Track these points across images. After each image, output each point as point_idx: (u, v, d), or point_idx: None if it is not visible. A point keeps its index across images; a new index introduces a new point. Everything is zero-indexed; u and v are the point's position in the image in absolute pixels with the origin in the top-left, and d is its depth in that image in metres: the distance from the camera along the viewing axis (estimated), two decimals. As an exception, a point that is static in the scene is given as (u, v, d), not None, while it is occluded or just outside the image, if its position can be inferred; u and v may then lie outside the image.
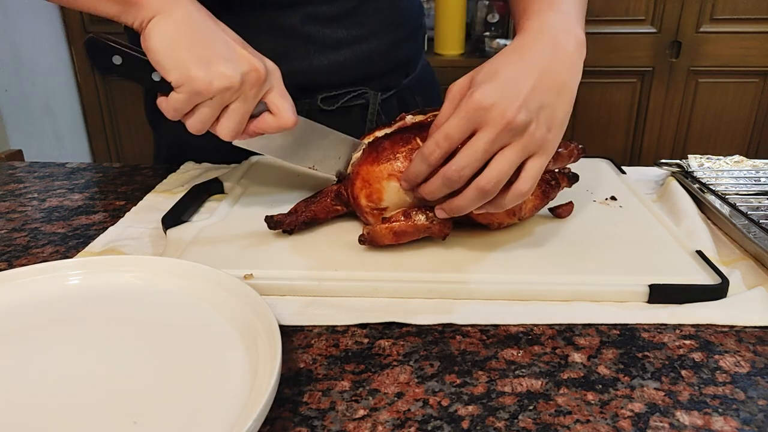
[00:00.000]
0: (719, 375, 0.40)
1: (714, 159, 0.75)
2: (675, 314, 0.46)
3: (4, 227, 0.66)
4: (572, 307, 0.47)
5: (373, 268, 0.52)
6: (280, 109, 0.55)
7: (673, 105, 2.28)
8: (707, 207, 0.64)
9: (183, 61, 0.50)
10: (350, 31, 0.78)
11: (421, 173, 0.51)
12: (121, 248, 0.59)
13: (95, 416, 0.35)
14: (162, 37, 0.51)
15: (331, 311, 0.47)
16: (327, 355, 0.43)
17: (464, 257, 0.54)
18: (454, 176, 0.48)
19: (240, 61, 0.52)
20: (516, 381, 0.40)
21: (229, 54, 0.52)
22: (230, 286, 0.46)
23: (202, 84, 0.50)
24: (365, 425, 0.36)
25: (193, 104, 0.52)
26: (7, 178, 0.82)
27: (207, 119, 0.53)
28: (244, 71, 0.52)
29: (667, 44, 2.19)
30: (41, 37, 2.31)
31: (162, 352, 0.41)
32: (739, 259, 0.55)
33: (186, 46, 0.51)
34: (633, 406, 0.37)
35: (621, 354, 0.42)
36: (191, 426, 0.34)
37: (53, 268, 0.50)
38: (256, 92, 0.53)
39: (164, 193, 0.73)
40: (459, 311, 0.47)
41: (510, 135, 0.46)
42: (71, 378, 0.39)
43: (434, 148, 0.48)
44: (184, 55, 0.51)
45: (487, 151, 0.47)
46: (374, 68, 0.82)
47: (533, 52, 0.50)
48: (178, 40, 0.51)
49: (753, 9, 2.13)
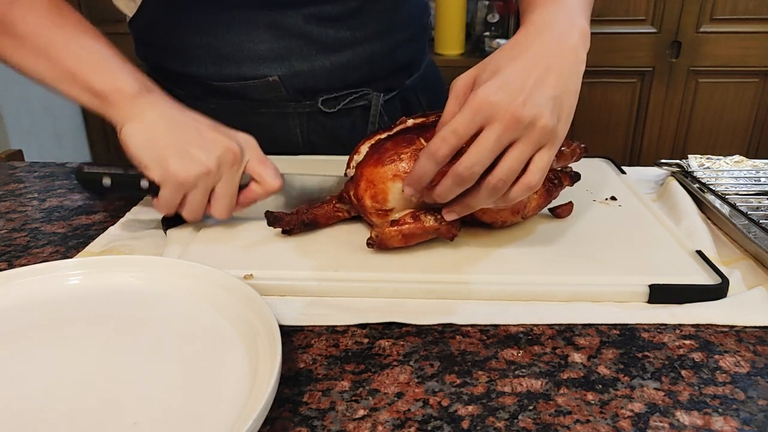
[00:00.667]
0: (719, 375, 0.40)
1: (714, 159, 0.75)
2: (675, 314, 0.46)
3: (4, 227, 0.66)
4: (572, 307, 0.47)
5: (373, 268, 0.52)
6: (263, 176, 0.58)
7: (673, 105, 2.28)
8: (707, 207, 0.64)
9: (161, 158, 0.54)
10: (353, 32, 0.77)
11: (428, 172, 0.48)
12: (121, 248, 0.59)
13: (95, 416, 0.35)
14: (138, 140, 0.55)
15: (331, 311, 0.47)
16: (327, 355, 0.43)
17: (464, 257, 0.54)
18: (465, 173, 0.46)
19: (213, 146, 0.55)
20: (516, 381, 0.40)
21: (202, 141, 0.55)
22: (230, 286, 0.46)
23: (181, 175, 0.54)
24: (365, 425, 0.36)
25: (180, 195, 0.56)
26: (7, 178, 0.82)
27: (198, 206, 0.57)
28: (218, 154, 0.55)
29: (667, 44, 2.19)
30: (41, 37, 2.30)
31: (162, 352, 0.41)
32: (739, 259, 0.55)
33: (162, 144, 0.55)
34: (633, 406, 0.37)
35: (621, 354, 0.42)
36: (191, 426, 0.34)
37: (53, 268, 0.50)
38: (235, 170, 0.57)
39: (164, 193, 0.73)
40: (459, 311, 0.47)
41: (518, 130, 0.45)
42: (71, 378, 0.39)
43: (441, 145, 0.47)
44: (161, 152, 0.54)
45: (497, 147, 0.46)
46: (376, 70, 0.81)
47: (537, 46, 0.49)
48: (153, 140, 0.55)
49: (753, 9, 2.13)
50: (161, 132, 0.55)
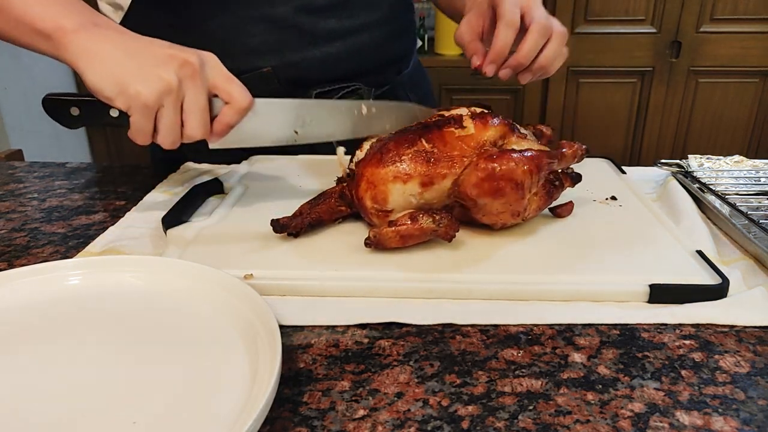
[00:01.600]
0: (719, 375, 0.40)
1: (714, 159, 0.75)
2: (675, 314, 0.46)
3: (4, 227, 0.66)
4: (572, 307, 0.47)
5: (373, 268, 0.52)
6: (231, 93, 0.56)
7: (673, 105, 2.28)
8: (707, 207, 0.64)
9: (121, 85, 0.53)
10: (342, 23, 0.79)
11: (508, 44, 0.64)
12: (121, 248, 0.59)
13: (95, 416, 0.35)
14: (96, 75, 0.54)
15: (331, 311, 0.47)
16: (327, 355, 0.43)
17: (464, 257, 0.54)
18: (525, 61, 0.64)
19: (170, 61, 0.54)
20: (516, 381, 0.40)
21: (159, 59, 0.54)
22: (230, 286, 0.46)
23: (144, 95, 0.53)
24: (365, 425, 0.36)
25: (150, 119, 0.55)
26: (7, 178, 0.82)
27: (171, 127, 0.55)
28: (176, 68, 0.53)
29: (667, 44, 2.19)
30: (41, 37, 2.30)
31: (162, 352, 0.41)
32: (739, 259, 0.55)
33: (119, 71, 0.53)
34: (633, 406, 0.37)
35: (621, 354, 0.42)
36: (191, 426, 0.34)
37: (53, 268, 0.50)
38: (199, 83, 0.55)
39: (164, 193, 0.73)
40: (459, 311, 0.47)
41: None
42: (71, 378, 0.39)
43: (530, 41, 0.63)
44: (121, 78, 0.53)
45: None
46: (367, 62, 0.83)
47: None
48: (110, 69, 0.53)
49: (753, 9, 2.13)
50: (116, 60, 0.54)
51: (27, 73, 2.24)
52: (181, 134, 0.56)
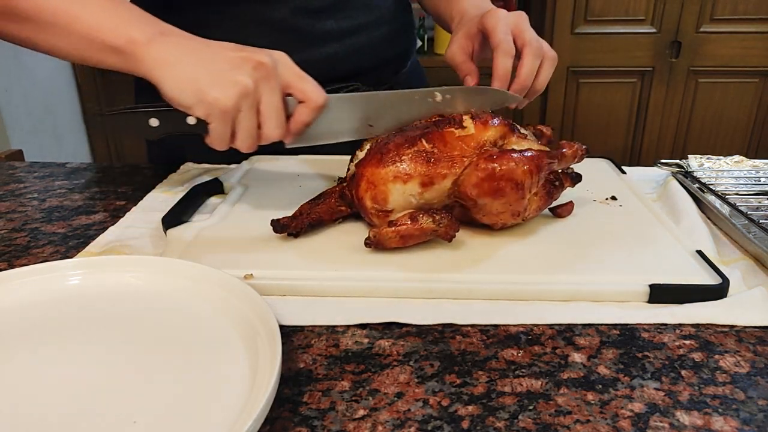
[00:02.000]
0: (719, 375, 0.40)
1: (714, 159, 0.75)
2: (675, 314, 0.46)
3: (4, 227, 0.66)
4: (572, 307, 0.47)
5: (373, 268, 0.52)
6: (305, 91, 0.56)
7: (673, 105, 2.28)
8: (707, 207, 0.64)
9: (198, 92, 0.53)
10: (340, 24, 0.80)
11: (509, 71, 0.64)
12: (121, 248, 0.59)
13: (95, 416, 0.35)
14: (172, 84, 0.54)
15: (331, 311, 0.47)
16: (327, 355, 0.43)
17: (464, 257, 0.54)
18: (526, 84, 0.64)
19: (243, 64, 0.53)
20: (516, 381, 0.40)
21: (232, 63, 0.53)
22: (230, 286, 0.46)
23: (222, 101, 0.52)
24: (365, 425, 0.36)
25: (229, 125, 0.54)
26: (7, 178, 0.82)
27: (249, 131, 0.55)
28: (250, 71, 0.53)
29: (667, 44, 2.19)
30: (41, 37, 2.30)
31: (162, 352, 0.41)
32: (739, 259, 0.55)
33: (194, 78, 0.53)
34: (633, 406, 0.37)
35: (621, 354, 0.42)
36: (191, 426, 0.34)
37: (53, 268, 0.50)
38: (273, 84, 0.54)
39: (164, 193, 0.73)
40: (459, 311, 0.47)
41: None
42: (71, 377, 0.39)
43: None
44: (196, 86, 0.53)
45: None
46: (365, 63, 0.83)
47: None
48: (185, 78, 0.53)
49: (753, 9, 2.13)
50: (190, 68, 0.54)
51: (28, 74, 2.24)
52: (258, 136, 0.56)
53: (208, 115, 0.54)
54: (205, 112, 0.53)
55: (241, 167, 0.78)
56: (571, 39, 2.18)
